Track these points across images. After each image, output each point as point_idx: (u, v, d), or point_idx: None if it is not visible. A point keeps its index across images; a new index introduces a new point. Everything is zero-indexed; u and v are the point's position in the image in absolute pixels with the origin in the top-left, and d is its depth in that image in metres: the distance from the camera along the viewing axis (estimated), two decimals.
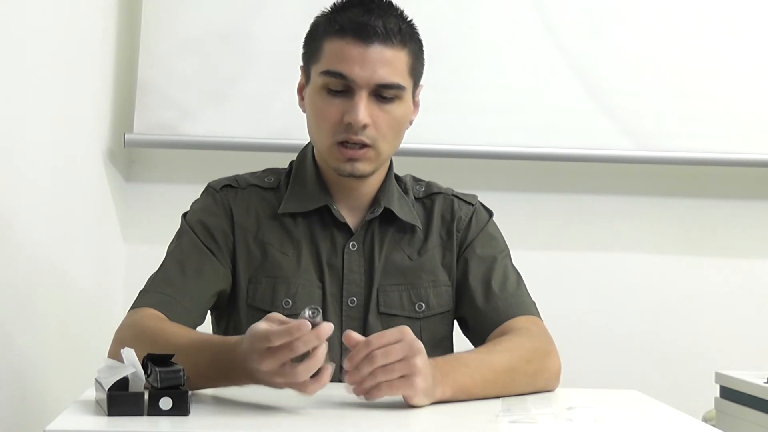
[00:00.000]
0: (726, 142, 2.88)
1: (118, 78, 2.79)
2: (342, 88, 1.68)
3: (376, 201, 1.79)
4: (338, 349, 1.62)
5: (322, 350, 1.36)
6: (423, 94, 1.79)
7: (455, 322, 1.86)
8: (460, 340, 1.89)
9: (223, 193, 1.79)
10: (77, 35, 2.43)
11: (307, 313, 1.35)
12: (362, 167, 1.72)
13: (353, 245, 1.77)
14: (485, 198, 1.94)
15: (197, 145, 2.80)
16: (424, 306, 1.78)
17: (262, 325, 1.38)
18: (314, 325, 1.34)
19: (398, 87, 1.70)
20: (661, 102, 2.87)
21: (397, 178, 1.85)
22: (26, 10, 2.06)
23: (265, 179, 1.82)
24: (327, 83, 1.69)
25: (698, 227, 2.99)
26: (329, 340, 1.38)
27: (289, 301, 1.73)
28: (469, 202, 1.87)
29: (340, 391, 1.45)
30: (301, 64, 1.77)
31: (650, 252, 2.97)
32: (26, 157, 2.08)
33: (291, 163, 1.84)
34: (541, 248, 2.93)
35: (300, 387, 1.38)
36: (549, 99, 2.86)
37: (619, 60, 2.87)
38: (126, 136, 2.75)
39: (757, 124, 2.89)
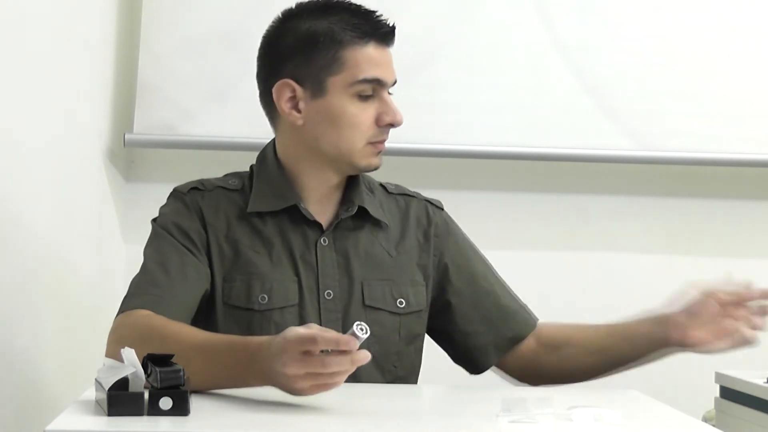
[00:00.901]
0: (726, 142, 2.88)
1: (118, 78, 2.79)
2: (371, 92, 1.74)
3: (347, 199, 1.81)
4: None
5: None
6: (422, 94, 1.83)
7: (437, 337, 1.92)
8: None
9: (191, 196, 1.80)
10: (77, 35, 2.43)
11: (359, 328, 1.37)
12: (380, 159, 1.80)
13: (325, 240, 1.79)
14: (485, 198, 1.95)
15: (197, 145, 2.80)
16: (404, 302, 1.80)
17: (300, 328, 1.39)
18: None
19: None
20: (661, 102, 2.87)
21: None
22: (26, 10, 2.06)
23: (229, 182, 1.84)
24: (360, 90, 1.74)
25: (698, 227, 2.98)
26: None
27: (265, 296, 1.74)
28: (439, 207, 1.93)
29: (341, 391, 1.45)
30: (286, 78, 1.75)
31: (650, 252, 2.97)
32: (26, 157, 2.08)
33: (252, 167, 1.86)
34: (541, 248, 2.93)
35: (327, 388, 1.40)
36: (549, 99, 2.86)
37: (619, 60, 2.87)
38: (126, 136, 2.75)
39: (757, 124, 2.89)
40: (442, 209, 1.92)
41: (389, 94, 1.77)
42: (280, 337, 1.40)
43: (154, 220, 1.81)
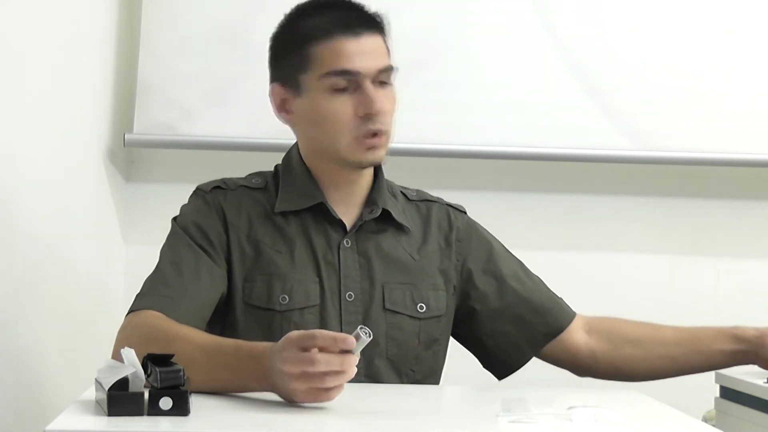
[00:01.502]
0: (726, 142, 2.88)
1: (118, 78, 2.79)
2: (347, 84, 1.70)
3: (371, 201, 1.80)
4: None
5: (352, 372, 1.39)
6: (422, 94, 1.82)
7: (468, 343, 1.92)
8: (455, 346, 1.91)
9: (213, 195, 1.80)
10: (77, 35, 2.43)
11: (363, 331, 1.38)
12: (381, 154, 1.75)
13: (347, 242, 1.78)
14: (485, 198, 1.95)
15: (197, 145, 2.80)
16: (425, 307, 1.79)
17: (301, 331, 1.40)
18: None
19: (392, 69, 1.75)
20: (661, 102, 2.87)
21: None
22: (26, 10, 2.06)
23: (252, 180, 1.83)
24: (332, 84, 1.70)
25: (698, 227, 2.98)
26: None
27: (286, 297, 1.74)
28: (462, 210, 1.92)
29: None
30: (274, 83, 1.77)
31: (650, 252, 2.97)
32: (26, 157, 2.08)
33: (276, 167, 1.86)
34: (541, 248, 2.93)
35: (320, 394, 1.40)
36: (549, 99, 2.85)
37: (619, 60, 2.87)
38: (126, 136, 2.75)
39: (757, 124, 2.89)
40: (465, 213, 1.91)
41: (383, 82, 1.73)
42: (283, 337, 1.41)
43: (174, 219, 1.81)
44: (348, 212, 1.80)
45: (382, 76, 1.73)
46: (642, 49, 2.87)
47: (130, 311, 1.67)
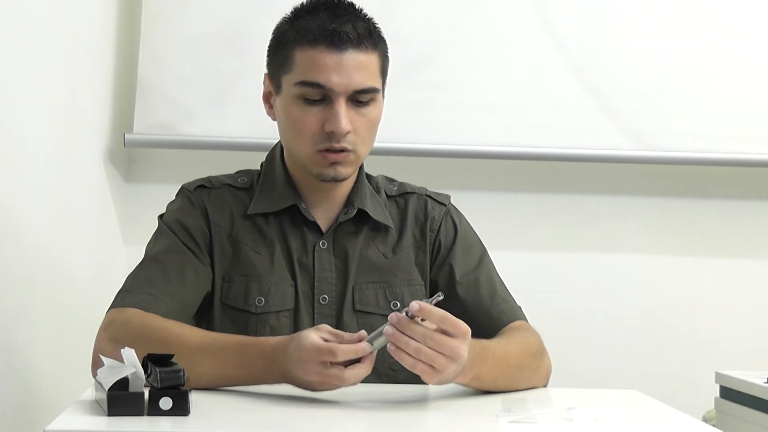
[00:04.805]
0: (726, 142, 2.88)
1: (118, 78, 2.79)
2: (319, 96, 1.68)
3: (349, 201, 1.79)
4: None
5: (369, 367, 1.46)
6: (422, 94, 1.80)
7: None
8: None
9: (197, 194, 1.80)
10: (77, 35, 2.43)
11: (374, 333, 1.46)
12: (344, 171, 1.72)
13: (323, 243, 1.78)
14: (485, 198, 1.94)
15: (197, 145, 2.81)
16: (399, 304, 1.78)
17: (314, 336, 1.44)
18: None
19: (374, 90, 1.70)
20: (661, 102, 2.87)
21: (368, 176, 1.85)
22: (26, 10, 2.06)
23: (239, 179, 1.83)
24: (303, 93, 1.68)
25: (698, 227, 2.99)
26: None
27: (262, 299, 1.74)
28: (441, 202, 1.88)
29: (340, 390, 1.46)
30: (266, 72, 1.77)
31: (650, 252, 2.97)
32: (26, 157, 2.08)
33: (262, 164, 1.85)
34: (541, 248, 2.93)
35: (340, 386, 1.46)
36: (549, 99, 2.86)
37: (619, 60, 2.87)
38: (126, 136, 2.75)
39: (757, 124, 2.89)
40: (445, 204, 1.87)
41: (361, 102, 1.69)
42: (296, 343, 1.45)
43: (160, 217, 1.81)
44: (326, 213, 1.79)
45: (360, 96, 1.69)
46: (642, 49, 2.87)
47: (113, 307, 1.67)
